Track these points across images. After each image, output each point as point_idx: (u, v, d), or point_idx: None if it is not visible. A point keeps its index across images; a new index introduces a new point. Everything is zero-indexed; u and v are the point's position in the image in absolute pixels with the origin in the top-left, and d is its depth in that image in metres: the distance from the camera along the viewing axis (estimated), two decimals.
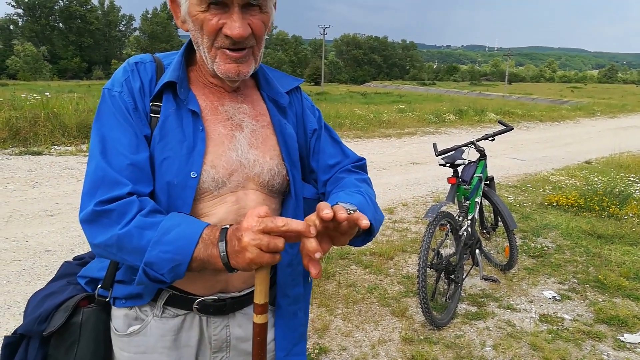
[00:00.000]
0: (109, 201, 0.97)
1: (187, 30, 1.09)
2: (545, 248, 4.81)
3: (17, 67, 68.82)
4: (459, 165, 3.63)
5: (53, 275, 1.30)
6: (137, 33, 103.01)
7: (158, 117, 1.08)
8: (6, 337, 1.15)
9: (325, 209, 0.88)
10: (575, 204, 6.27)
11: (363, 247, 4.68)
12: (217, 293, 1.14)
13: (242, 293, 1.17)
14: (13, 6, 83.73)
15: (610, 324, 3.35)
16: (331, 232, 0.95)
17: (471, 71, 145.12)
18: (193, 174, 1.05)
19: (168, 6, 1.13)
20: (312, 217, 0.91)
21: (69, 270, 1.27)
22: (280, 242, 0.88)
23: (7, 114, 8.57)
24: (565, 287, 3.95)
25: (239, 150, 1.12)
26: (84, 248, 4.01)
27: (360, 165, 1.34)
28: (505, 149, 12.28)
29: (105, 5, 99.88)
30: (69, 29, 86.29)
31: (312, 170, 1.30)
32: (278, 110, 1.22)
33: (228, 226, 0.94)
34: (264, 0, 1.04)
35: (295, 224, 0.87)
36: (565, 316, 3.46)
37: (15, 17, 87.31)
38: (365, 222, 0.91)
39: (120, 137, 1.03)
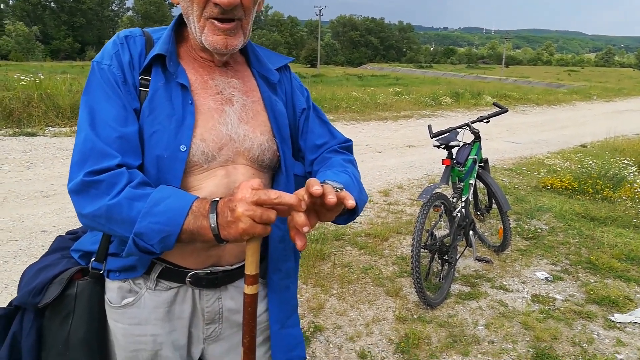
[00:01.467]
0: (98, 172, 0.98)
1: (178, 3, 1.10)
2: (539, 230, 4.86)
3: (9, 47, 67.85)
4: (453, 147, 3.64)
5: None
6: (130, 13, 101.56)
7: (147, 90, 1.08)
8: (1, 309, 1.16)
9: (315, 185, 0.90)
10: (570, 187, 6.32)
11: (358, 228, 4.71)
12: (209, 267, 1.16)
13: (233, 267, 1.19)
14: None
15: (601, 304, 3.41)
16: (318, 207, 0.96)
17: (468, 54, 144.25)
18: (182, 147, 1.06)
19: None
20: (301, 192, 0.93)
21: (63, 244, 1.28)
22: (272, 214, 0.90)
23: (0, 94, 8.48)
24: (558, 269, 4.01)
25: (229, 124, 1.12)
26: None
27: (346, 146, 1.36)
28: (501, 132, 12.31)
29: None
30: (61, 9, 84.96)
31: (299, 149, 1.32)
32: (268, 87, 1.23)
33: (218, 199, 0.96)
34: None
35: (288, 197, 0.89)
36: (557, 296, 3.52)
37: None
38: (351, 202, 0.93)
39: (109, 110, 1.03)
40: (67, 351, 1.12)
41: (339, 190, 1.00)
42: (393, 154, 8.90)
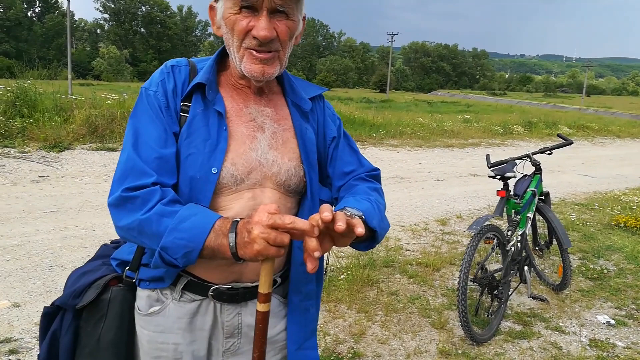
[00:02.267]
0: (135, 189, 1.07)
1: (222, 35, 1.19)
2: (605, 270, 4.56)
3: (101, 68, 73.85)
4: (509, 178, 3.54)
5: None
6: (211, 38, 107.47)
7: (187, 116, 1.17)
8: (45, 308, 1.29)
9: (325, 211, 0.95)
10: None
11: (410, 256, 4.66)
12: (231, 282, 1.22)
13: (254, 284, 1.23)
14: (100, 11, 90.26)
15: None
16: (332, 232, 0.99)
17: (546, 82, 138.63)
18: (214, 170, 1.14)
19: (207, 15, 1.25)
20: (316, 217, 0.97)
21: (106, 252, 1.39)
22: (286, 238, 0.95)
23: (88, 112, 9.24)
24: (622, 313, 3.73)
25: (259, 150, 1.20)
26: None
27: (374, 175, 1.40)
28: (576, 164, 11.70)
29: (184, 12, 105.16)
30: (150, 34, 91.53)
31: (327, 176, 1.37)
32: (300, 115, 1.30)
33: (239, 219, 1.02)
34: (290, 9, 1.13)
35: (301, 223, 0.94)
36: (618, 343, 3.28)
37: (102, 22, 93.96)
38: (359, 230, 0.96)
39: (152, 132, 1.14)
40: (97, 352, 1.21)
41: (355, 217, 1.04)
42: (456, 182, 8.71)
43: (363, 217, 1.11)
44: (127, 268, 1.24)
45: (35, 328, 2.90)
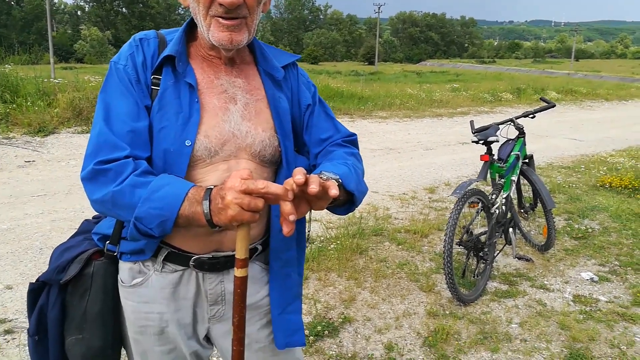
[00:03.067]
0: (107, 162, 1.07)
1: (188, 6, 1.18)
2: (590, 230, 4.65)
3: (84, 51, 72.40)
4: (492, 142, 3.58)
5: None
6: None
7: (158, 89, 1.17)
8: (31, 284, 1.31)
9: (298, 174, 0.95)
10: (630, 186, 5.97)
11: (398, 224, 4.72)
12: (211, 252, 1.23)
13: (235, 252, 1.27)
14: None
15: None
16: (308, 196, 1.00)
17: (535, 48, 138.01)
18: (187, 142, 1.14)
19: None
20: (290, 181, 0.97)
21: (87, 227, 1.40)
22: (260, 203, 0.96)
23: (71, 95, 9.12)
24: (605, 269, 3.83)
25: (232, 121, 1.19)
26: None
27: (350, 140, 1.40)
28: (564, 129, 11.76)
29: None
30: (132, 14, 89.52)
31: (304, 143, 1.36)
32: (273, 84, 1.29)
33: (212, 187, 1.03)
34: None
35: (274, 187, 0.95)
36: (601, 297, 3.38)
37: (82, 4, 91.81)
38: (334, 191, 0.97)
39: (123, 106, 1.13)
40: (84, 324, 1.24)
41: (330, 179, 1.06)
42: (444, 151, 8.75)
43: (340, 180, 1.12)
44: (108, 242, 1.26)
45: None
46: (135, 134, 1.12)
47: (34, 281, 1.32)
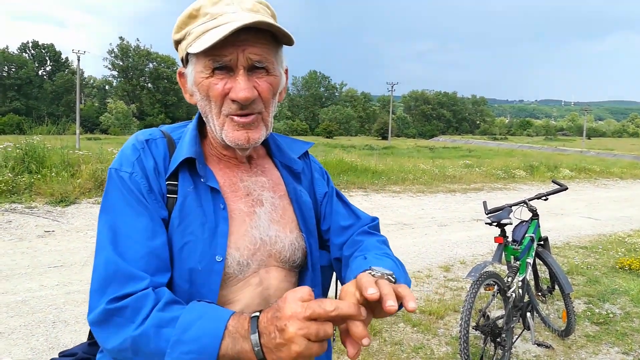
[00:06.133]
0: (121, 298, 0.88)
1: (196, 104, 1.06)
2: (611, 315, 4.51)
3: (109, 122, 75.52)
4: (505, 224, 3.59)
5: None
6: None
7: (175, 197, 1.01)
8: None
9: (369, 288, 0.78)
10: None
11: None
12: None
13: None
14: (109, 69, 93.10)
15: None
16: (371, 303, 0.82)
17: (546, 126, 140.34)
18: (218, 258, 0.98)
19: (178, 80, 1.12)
20: (351, 290, 0.81)
21: None
22: (330, 328, 0.77)
23: (94, 166, 9.43)
24: (630, 358, 3.67)
25: (260, 227, 1.06)
26: None
27: (375, 226, 1.28)
28: (579, 207, 11.69)
29: None
30: (157, 89, 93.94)
31: (323, 235, 1.25)
32: (293, 178, 1.19)
33: (258, 313, 0.83)
34: (270, 63, 1.00)
35: (346, 308, 0.77)
36: None
37: (110, 79, 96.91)
38: (412, 304, 0.79)
39: (134, 223, 0.96)
40: None
41: (392, 279, 0.90)
42: (459, 227, 8.72)
43: (394, 276, 0.94)
44: None
45: None
46: (153, 256, 0.94)
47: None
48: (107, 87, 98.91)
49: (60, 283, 4.67)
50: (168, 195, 1.01)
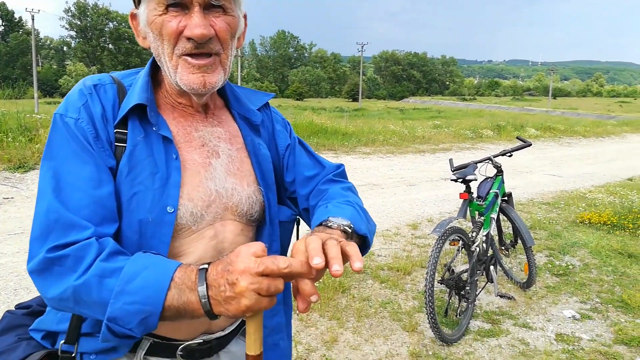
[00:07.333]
0: (63, 246, 0.84)
1: (149, 47, 1.00)
2: (571, 266, 4.69)
3: (68, 86, 72.54)
4: (470, 180, 3.63)
5: None
6: None
7: (124, 145, 0.95)
8: None
9: (315, 257, 0.76)
10: (609, 222, 6.07)
11: (382, 262, 4.70)
12: (201, 335, 1.04)
13: (226, 332, 1.09)
14: (67, 29, 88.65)
15: (630, 345, 3.24)
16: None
17: (514, 86, 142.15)
18: (170, 209, 0.94)
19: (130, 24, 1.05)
20: (302, 248, 0.80)
21: (15, 322, 1.08)
22: (281, 284, 0.77)
23: None
24: (587, 307, 3.84)
25: (216, 179, 1.02)
26: None
27: (340, 173, 1.26)
28: (544, 165, 11.99)
29: None
30: (118, 50, 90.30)
31: (288, 187, 1.22)
32: (251, 130, 1.14)
33: (206, 266, 0.81)
34: (227, 2, 0.95)
35: (299, 266, 0.77)
36: (583, 336, 3.37)
37: (68, 39, 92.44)
38: (357, 265, 0.78)
39: (79, 170, 0.90)
40: None
41: (348, 230, 0.93)
42: (427, 187, 8.83)
43: (352, 226, 0.98)
44: (63, 341, 0.97)
45: None
46: (98, 205, 0.89)
47: None
48: (65, 48, 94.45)
49: (21, 250, 4.53)
50: (116, 143, 0.96)
